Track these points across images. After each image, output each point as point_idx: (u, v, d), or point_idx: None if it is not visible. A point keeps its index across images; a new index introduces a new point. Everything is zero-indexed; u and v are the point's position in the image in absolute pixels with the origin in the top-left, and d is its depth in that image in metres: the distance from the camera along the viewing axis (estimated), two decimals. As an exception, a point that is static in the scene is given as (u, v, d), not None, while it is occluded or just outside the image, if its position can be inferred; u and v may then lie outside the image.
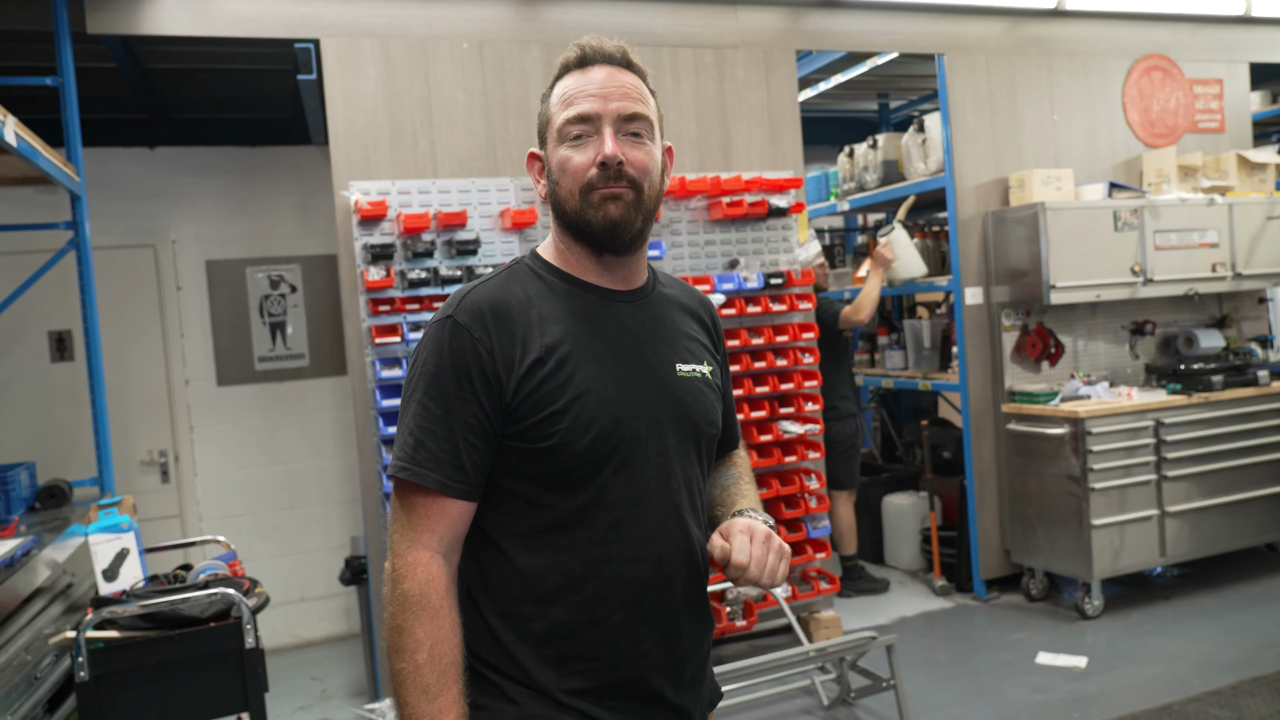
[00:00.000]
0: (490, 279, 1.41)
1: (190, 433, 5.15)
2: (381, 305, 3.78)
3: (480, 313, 1.33)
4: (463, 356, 1.31)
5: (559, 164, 1.37)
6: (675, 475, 1.40)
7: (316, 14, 3.86)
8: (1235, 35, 5.72)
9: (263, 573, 4.75)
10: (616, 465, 1.34)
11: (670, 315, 1.48)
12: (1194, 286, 5.09)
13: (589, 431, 1.31)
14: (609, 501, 1.34)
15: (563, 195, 1.37)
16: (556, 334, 1.34)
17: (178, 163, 5.17)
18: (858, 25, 4.81)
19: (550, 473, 1.33)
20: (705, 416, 1.45)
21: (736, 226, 4.36)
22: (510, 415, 1.32)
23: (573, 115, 1.36)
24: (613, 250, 1.38)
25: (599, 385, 1.34)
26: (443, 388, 1.31)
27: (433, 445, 1.30)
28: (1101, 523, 4.57)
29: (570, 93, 1.38)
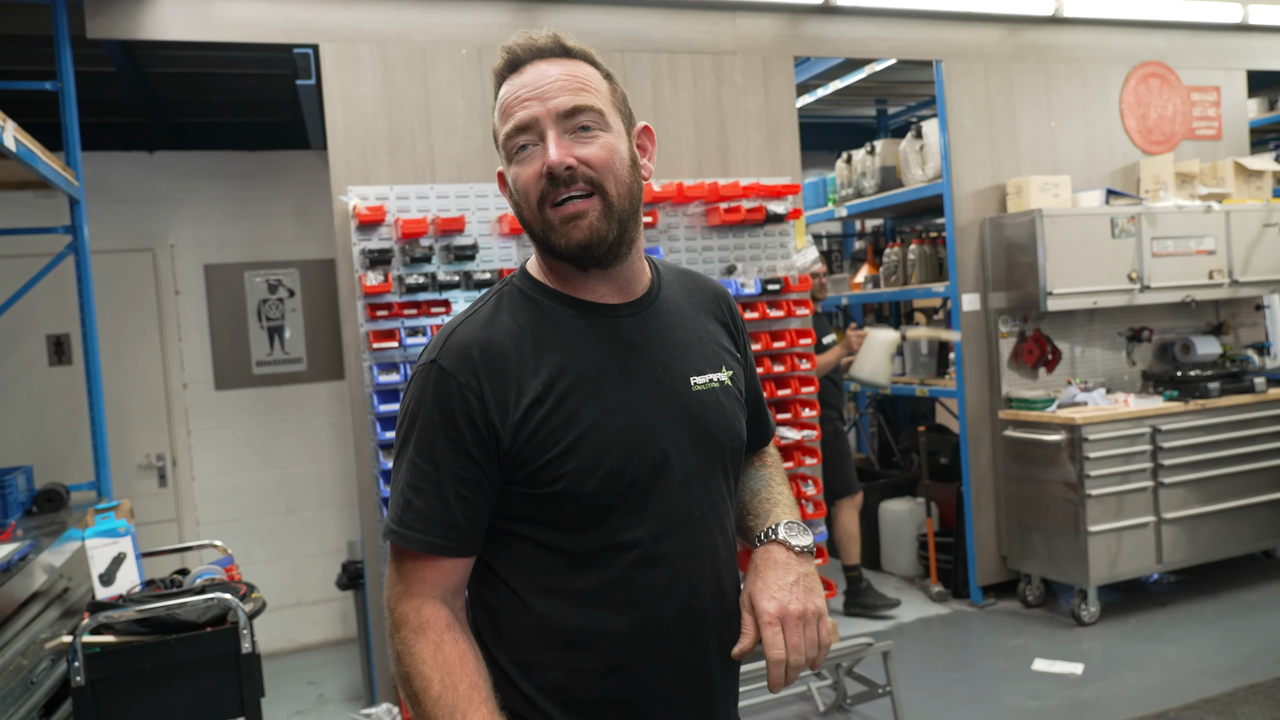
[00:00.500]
0: (477, 311, 1.28)
1: (188, 437, 5.15)
2: (379, 310, 3.79)
3: (467, 356, 1.21)
4: (449, 406, 1.19)
5: (513, 183, 1.25)
6: (699, 502, 1.28)
7: (316, 19, 3.87)
8: (1233, 43, 5.73)
9: (259, 577, 4.75)
10: (633, 502, 1.23)
11: (680, 321, 1.34)
12: (1191, 293, 5.10)
13: (597, 471, 1.20)
14: (627, 540, 1.23)
15: (527, 216, 1.25)
16: (554, 366, 1.22)
17: (177, 167, 5.17)
18: (856, 31, 4.82)
19: (560, 516, 1.22)
20: (728, 430, 1.33)
21: (734, 232, 4.37)
22: (510, 462, 1.21)
23: (511, 127, 1.23)
24: (597, 265, 1.25)
25: (605, 418, 1.22)
26: (429, 441, 1.20)
27: (421, 504, 1.20)
28: (1098, 529, 4.57)
29: (506, 101, 1.24)
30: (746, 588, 1.27)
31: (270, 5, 3.81)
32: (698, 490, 1.28)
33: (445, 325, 1.28)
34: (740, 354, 1.44)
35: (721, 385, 1.34)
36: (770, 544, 1.30)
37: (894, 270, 5.61)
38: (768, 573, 1.26)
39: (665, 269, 1.41)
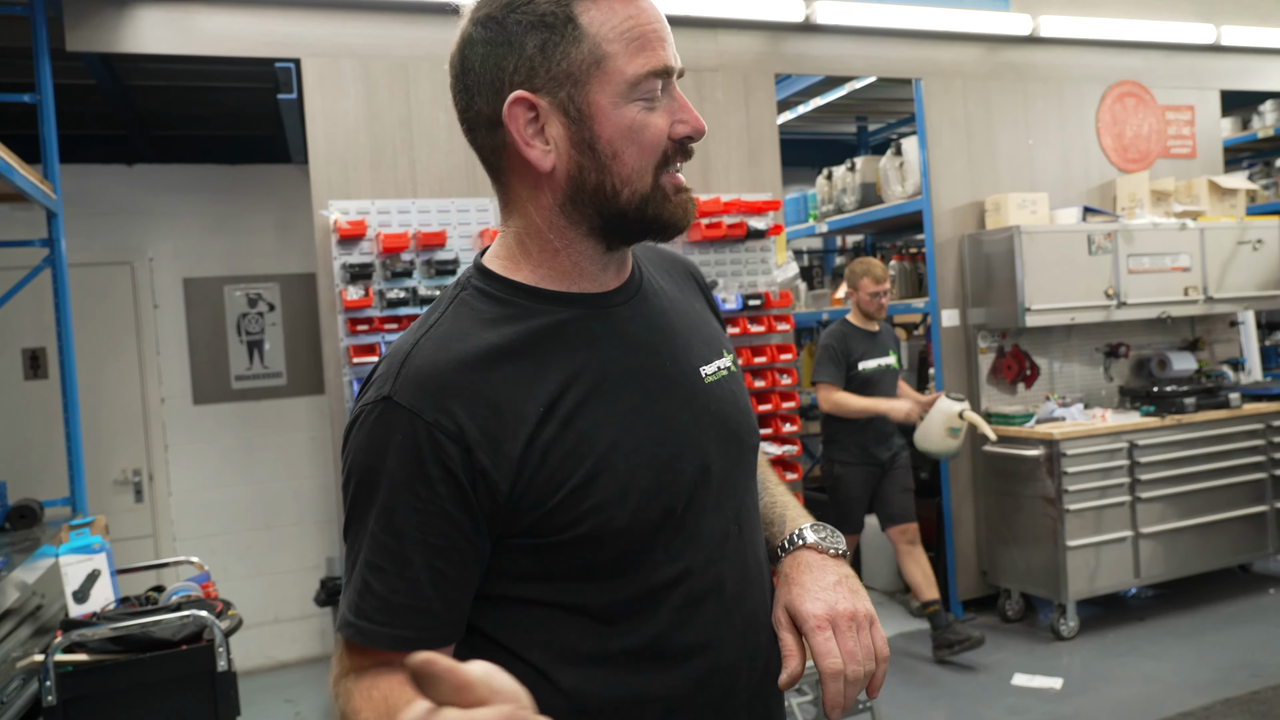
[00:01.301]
0: (434, 325, 1.00)
1: (165, 452, 5.10)
2: (360, 325, 3.78)
3: (433, 385, 0.94)
4: (415, 454, 0.92)
5: (630, 130, 0.96)
6: (735, 513, 1.08)
7: (298, 34, 3.86)
8: (1206, 63, 5.83)
9: (237, 594, 4.70)
10: (671, 531, 1.00)
11: (671, 304, 1.12)
12: (1166, 310, 5.16)
13: (626, 501, 0.96)
14: (669, 577, 1.00)
15: (624, 175, 0.97)
16: (553, 379, 0.97)
17: (156, 180, 5.14)
18: (836, 49, 4.87)
19: (585, 566, 0.97)
20: (748, 424, 1.13)
21: (715, 248, 4.39)
22: (512, 511, 0.95)
23: (659, 67, 0.97)
24: (658, 239, 1.04)
25: (624, 434, 0.98)
26: (388, 503, 0.93)
27: (382, 587, 0.93)
28: (1076, 544, 4.60)
29: (639, 27, 0.97)
30: (780, 601, 1.06)
31: (252, 19, 3.80)
32: (732, 500, 1.07)
33: (393, 348, 0.99)
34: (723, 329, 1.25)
35: (729, 373, 1.13)
36: (799, 550, 1.11)
37: (874, 286, 5.64)
38: (803, 577, 1.06)
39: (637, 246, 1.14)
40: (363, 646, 0.94)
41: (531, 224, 1.02)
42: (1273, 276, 5.45)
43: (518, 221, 1.03)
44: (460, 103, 1.02)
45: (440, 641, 0.95)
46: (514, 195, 1.03)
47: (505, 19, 0.96)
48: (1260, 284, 5.42)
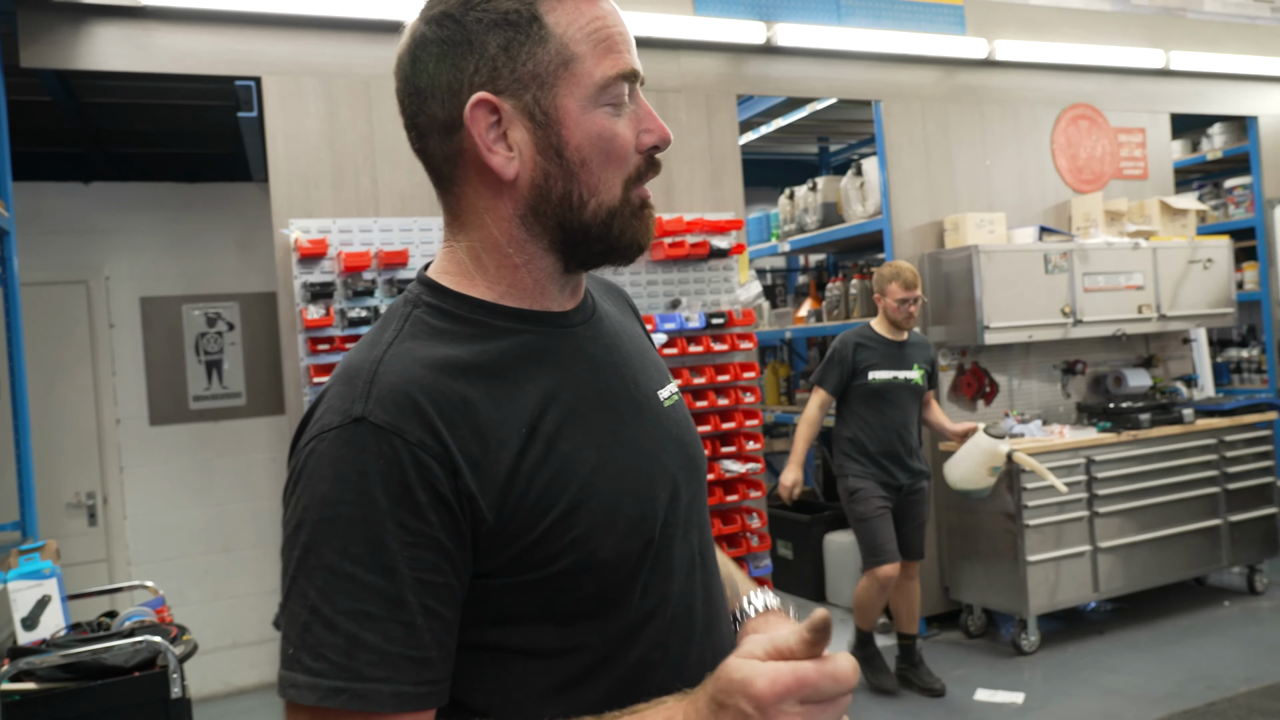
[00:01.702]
0: (392, 343, 0.90)
1: (120, 474, 5.01)
2: (321, 344, 3.74)
3: (410, 402, 0.84)
4: (400, 479, 0.82)
5: (599, 138, 0.92)
6: (698, 540, 1.03)
7: (258, 52, 3.84)
8: (1156, 87, 5.97)
9: (193, 618, 4.61)
10: (652, 561, 0.94)
11: (620, 327, 1.08)
12: (1121, 327, 5.26)
13: (612, 529, 0.90)
14: (647, 611, 0.94)
15: (592, 185, 0.92)
16: (532, 399, 0.90)
17: (113, 198, 5.07)
18: (797, 71, 4.93)
19: (566, 604, 0.89)
20: (700, 450, 1.09)
21: (679, 267, 4.41)
22: (492, 543, 0.86)
23: (626, 68, 0.93)
24: (617, 263, 0.99)
25: (607, 455, 0.93)
26: (373, 537, 0.81)
27: (377, 637, 0.80)
28: (1037, 559, 4.65)
29: (607, 29, 0.93)
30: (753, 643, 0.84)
31: (212, 37, 3.78)
32: (695, 528, 1.02)
33: (346, 370, 0.89)
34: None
35: (679, 398, 1.10)
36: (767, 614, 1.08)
37: (836, 304, 5.70)
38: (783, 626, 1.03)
39: None
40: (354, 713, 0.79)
41: (488, 238, 0.95)
42: (1223, 295, 5.58)
43: (472, 235, 0.96)
44: (410, 107, 0.95)
45: (439, 698, 0.84)
46: (468, 206, 0.95)
47: (464, 17, 0.90)
48: (1211, 302, 5.55)
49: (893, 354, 4.22)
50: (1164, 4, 6.01)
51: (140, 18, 3.67)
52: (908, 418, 4.23)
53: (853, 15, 4.93)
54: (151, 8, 3.64)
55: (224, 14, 3.75)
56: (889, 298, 4.18)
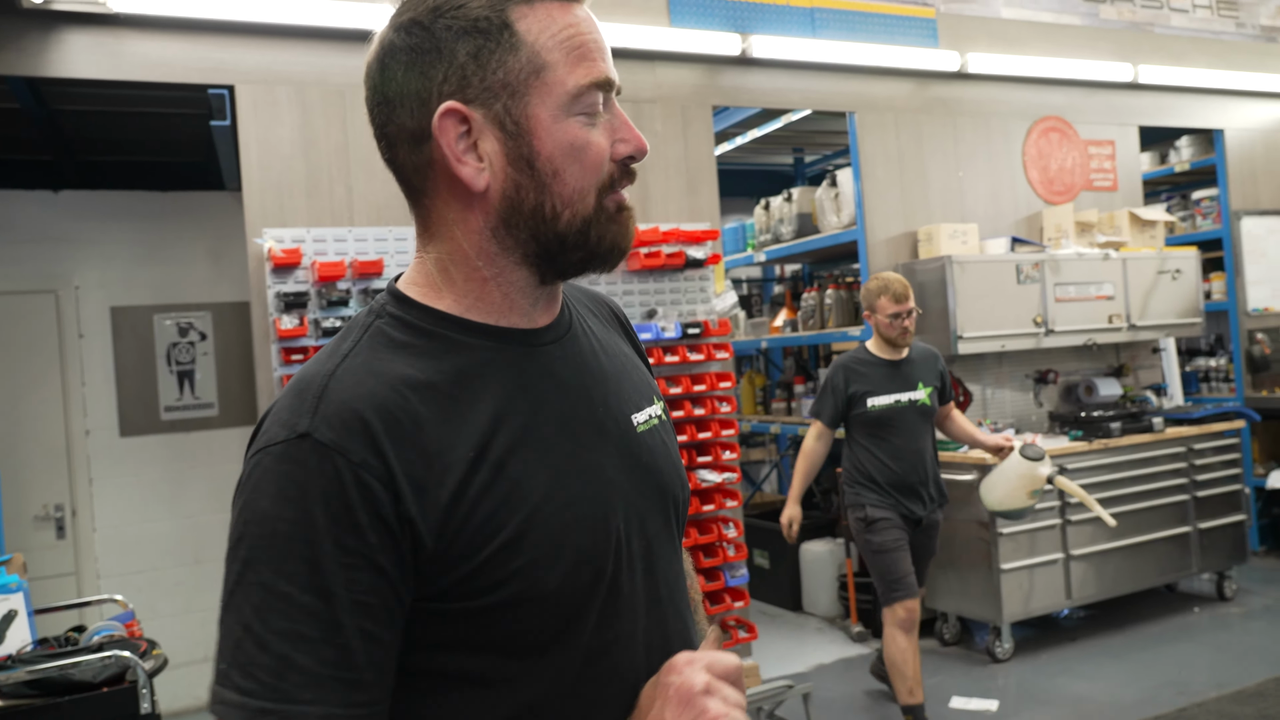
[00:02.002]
0: (347, 356, 0.88)
1: (89, 486, 4.94)
2: (294, 354, 3.72)
3: (357, 421, 0.82)
4: (341, 499, 0.80)
5: (572, 147, 0.90)
6: (664, 575, 0.99)
7: (232, 60, 3.82)
8: (1125, 100, 6.06)
9: (164, 632, 4.55)
10: (603, 595, 0.91)
11: (600, 344, 1.04)
12: (1092, 337, 5.32)
13: (559, 560, 0.87)
14: (594, 649, 0.91)
15: (565, 196, 0.90)
16: (484, 420, 0.87)
17: (84, 206, 5.02)
18: (772, 83, 4.96)
19: (511, 634, 0.87)
20: (678, 478, 1.05)
21: (654, 277, 4.42)
22: (434, 567, 0.83)
23: (601, 78, 0.91)
24: (599, 270, 0.96)
25: (559, 482, 0.89)
26: (309, 556, 0.79)
27: (308, 659, 0.78)
28: (1010, 567, 4.69)
29: (579, 37, 0.91)
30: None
31: (185, 45, 3.75)
32: (660, 561, 0.99)
33: (298, 383, 0.87)
34: (650, 371, 1.16)
35: (660, 421, 1.05)
36: None
37: (811, 314, 5.73)
38: None
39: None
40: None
41: (457, 250, 0.92)
42: (1191, 305, 5.66)
43: (441, 246, 0.93)
44: (379, 116, 0.93)
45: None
46: (438, 218, 0.93)
47: (433, 24, 0.88)
48: (1180, 312, 5.63)
49: (891, 375, 3.87)
50: (1132, 19, 6.10)
51: (112, 25, 3.64)
52: (919, 443, 3.89)
53: (827, 28, 4.98)
54: (123, 15, 3.61)
55: (197, 22, 3.72)
56: (879, 314, 3.84)
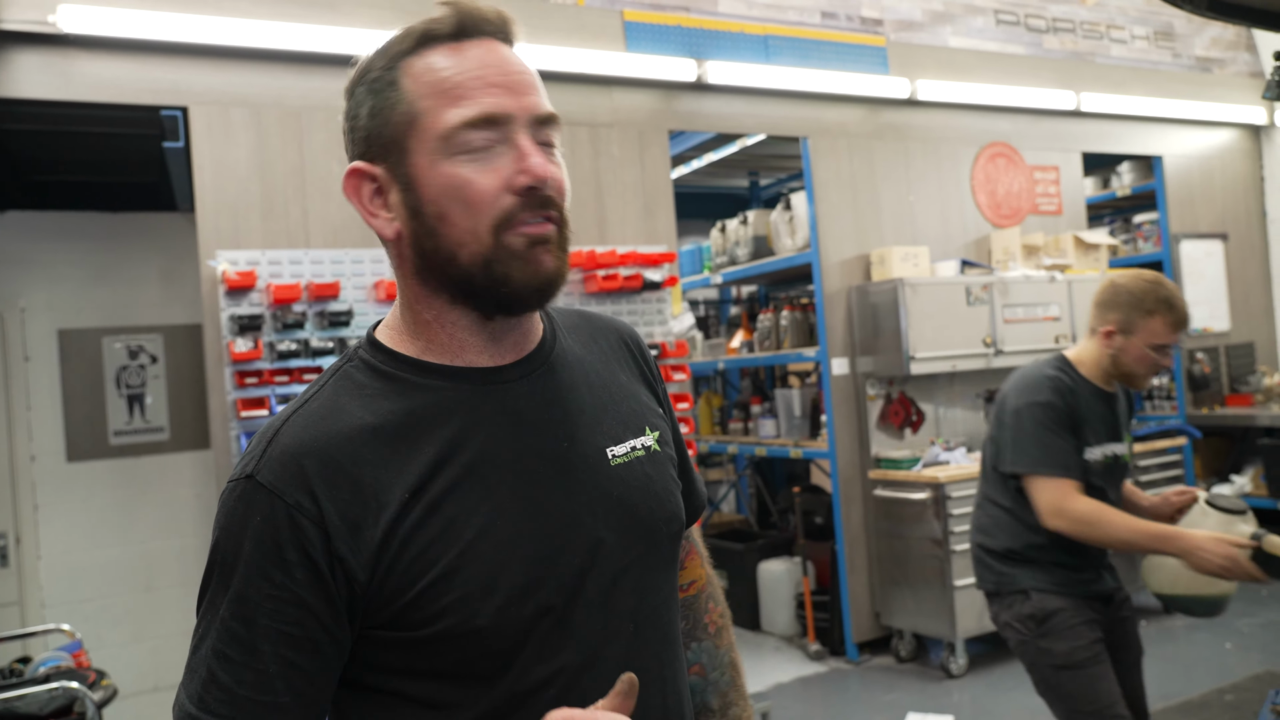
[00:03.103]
0: (309, 400, 0.95)
1: (34, 512, 4.82)
2: (249, 377, 3.68)
3: (296, 466, 0.89)
4: (273, 537, 0.87)
5: (451, 188, 0.91)
6: (633, 611, 0.99)
7: (185, 81, 3.79)
8: (1069, 127, 6.24)
9: (113, 662, 4.45)
10: (546, 631, 0.93)
11: (584, 377, 1.05)
12: (1040, 357, 5.43)
13: (492, 597, 0.90)
14: (540, 679, 0.93)
15: (456, 238, 0.91)
16: (424, 461, 0.91)
17: (30, 227, 4.93)
18: (727, 108, 5.04)
19: (450, 665, 0.91)
20: (664, 511, 1.04)
21: (612, 299, 4.45)
22: (373, 602, 0.89)
23: (476, 115, 0.91)
24: (522, 310, 0.97)
25: (497, 522, 0.92)
26: (241, 590, 0.88)
27: (228, 678, 0.87)
28: (963, 584, 4.76)
29: (456, 76, 0.92)
30: None
31: (137, 66, 3.72)
32: (630, 597, 0.99)
33: (267, 424, 0.95)
34: (664, 406, 1.16)
35: (648, 453, 1.05)
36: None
37: (768, 335, 5.80)
38: None
39: (560, 314, 1.12)
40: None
41: (404, 296, 0.99)
42: (1134, 325, 5.81)
43: (400, 294, 1.00)
44: None
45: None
46: (394, 268, 1.00)
47: (355, 89, 0.96)
48: (1123, 332, 5.77)
49: (1106, 416, 2.58)
50: (1074, 49, 6.30)
51: (63, 45, 3.60)
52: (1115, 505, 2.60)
53: (780, 55, 5.07)
54: (74, 36, 3.57)
55: (150, 43, 3.69)
56: (1140, 335, 2.46)
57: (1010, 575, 2.54)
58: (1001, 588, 2.56)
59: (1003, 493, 2.58)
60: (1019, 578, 2.52)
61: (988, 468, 2.64)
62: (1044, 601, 2.47)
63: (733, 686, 1.21)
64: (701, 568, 1.25)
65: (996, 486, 2.60)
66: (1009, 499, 2.56)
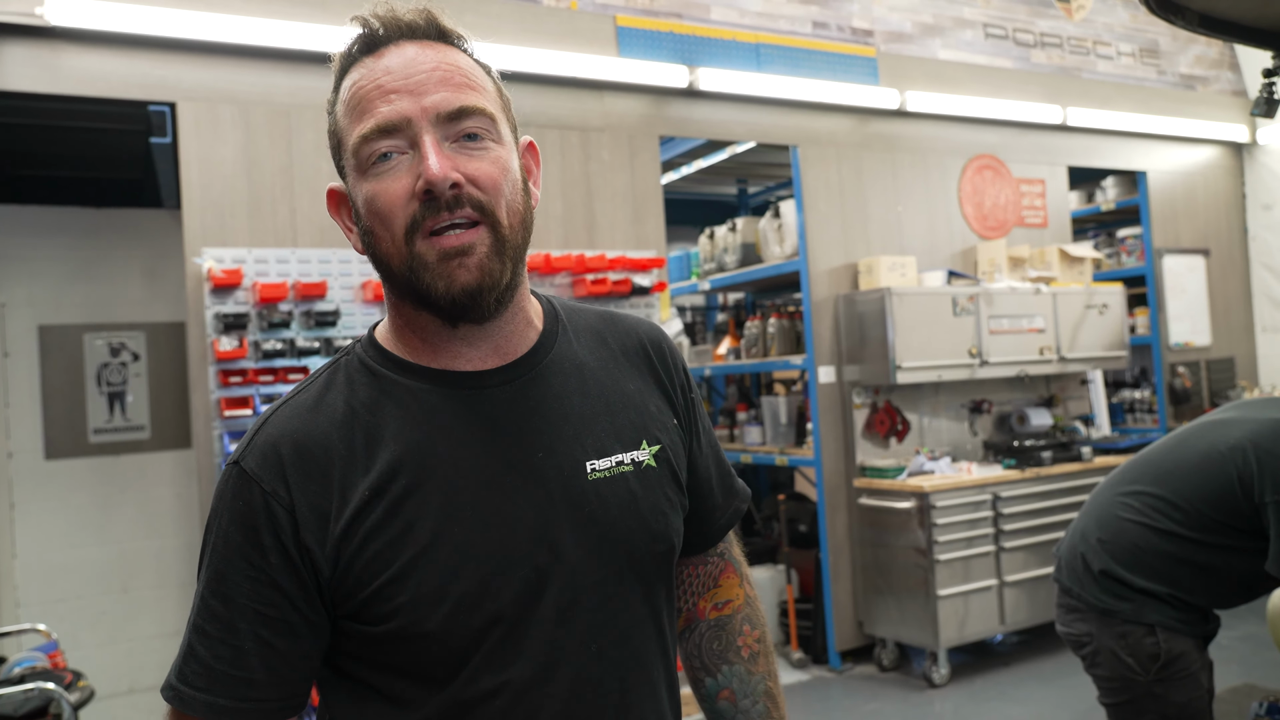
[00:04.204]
0: (302, 392, 0.98)
1: (10, 511, 4.76)
2: (233, 376, 3.64)
3: (274, 455, 0.92)
4: (251, 521, 0.91)
5: (369, 203, 0.93)
6: (597, 631, 0.97)
7: (174, 77, 3.76)
8: (1055, 141, 6.29)
9: (87, 663, 4.39)
10: (495, 641, 0.93)
11: (580, 385, 1.02)
12: (1024, 368, 5.48)
13: (441, 603, 0.90)
14: (485, 690, 0.93)
15: (385, 249, 0.94)
16: (389, 460, 0.92)
17: (12, 221, 4.87)
18: (718, 115, 5.04)
19: (403, 663, 0.93)
20: (645, 530, 1.00)
21: (600, 303, 4.44)
22: (336, 593, 0.92)
23: (370, 128, 0.91)
24: (474, 319, 0.96)
25: (452, 528, 0.92)
26: (220, 568, 0.92)
27: (205, 651, 0.92)
28: (946, 593, 4.77)
29: (361, 91, 0.93)
30: None
31: (125, 60, 3.68)
32: (594, 615, 0.96)
33: (264, 411, 1.00)
34: (685, 415, 1.11)
35: (638, 468, 1.01)
36: None
37: (755, 342, 5.80)
38: None
39: (574, 315, 1.10)
40: (181, 712, 0.93)
41: (385, 299, 1.03)
42: (1117, 338, 5.87)
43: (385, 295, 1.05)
44: None
45: (260, 714, 0.93)
46: None
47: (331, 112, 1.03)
48: (1106, 345, 5.82)
49: None
50: (1061, 63, 6.35)
51: (50, 38, 3.56)
52: None
53: (772, 63, 5.08)
54: (60, 29, 3.53)
55: (139, 38, 3.66)
56: None
57: (1138, 606, 2.29)
58: (1119, 612, 2.30)
59: (1194, 525, 2.25)
60: (1147, 611, 2.27)
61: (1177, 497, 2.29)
62: (1171, 643, 2.25)
63: (767, 718, 1.16)
64: (739, 587, 1.21)
65: (1190, 519, 2.26)
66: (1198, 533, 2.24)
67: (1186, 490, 2.28)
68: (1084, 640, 2.36)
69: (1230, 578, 2.26)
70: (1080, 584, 2.38)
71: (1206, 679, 2.30)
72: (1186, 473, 2.30)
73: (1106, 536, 2.36)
